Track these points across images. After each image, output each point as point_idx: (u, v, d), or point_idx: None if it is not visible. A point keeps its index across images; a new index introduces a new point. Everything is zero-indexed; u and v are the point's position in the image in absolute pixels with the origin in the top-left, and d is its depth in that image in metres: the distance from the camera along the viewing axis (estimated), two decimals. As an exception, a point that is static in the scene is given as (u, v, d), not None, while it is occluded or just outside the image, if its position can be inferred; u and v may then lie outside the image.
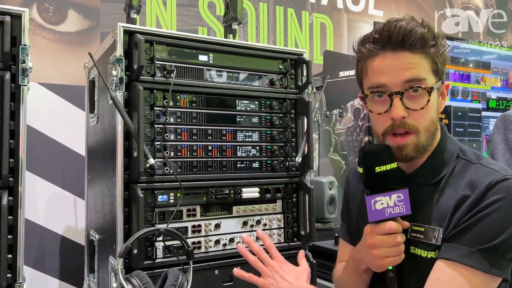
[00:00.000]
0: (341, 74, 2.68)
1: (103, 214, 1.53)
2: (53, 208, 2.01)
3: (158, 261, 1.37)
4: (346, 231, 1.20)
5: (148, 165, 1.33)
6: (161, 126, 1.40)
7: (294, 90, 1.67)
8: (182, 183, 1.38)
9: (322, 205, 2.24)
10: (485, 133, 2.88)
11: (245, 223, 1.54)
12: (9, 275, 1.22)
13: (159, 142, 1.39)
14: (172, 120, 1.43)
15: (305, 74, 1.66)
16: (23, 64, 1.26)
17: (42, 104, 2.00)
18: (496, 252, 0.86)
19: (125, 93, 1.37)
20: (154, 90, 1.39)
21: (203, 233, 1.46)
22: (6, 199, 1.21)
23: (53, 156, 2.02)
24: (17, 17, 1.26)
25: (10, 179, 1.23)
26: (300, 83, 1.67)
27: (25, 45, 1.26)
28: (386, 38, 0.91)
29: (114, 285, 1.31)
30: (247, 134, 1.57)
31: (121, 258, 1.16)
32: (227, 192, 1.51)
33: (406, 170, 1.01)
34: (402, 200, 0.89)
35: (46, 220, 2.00)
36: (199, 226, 1.46)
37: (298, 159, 1.60)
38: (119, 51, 1.36)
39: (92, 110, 1.72)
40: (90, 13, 2.15)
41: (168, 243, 1.37)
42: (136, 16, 1.57)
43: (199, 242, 1.45)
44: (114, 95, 1.32)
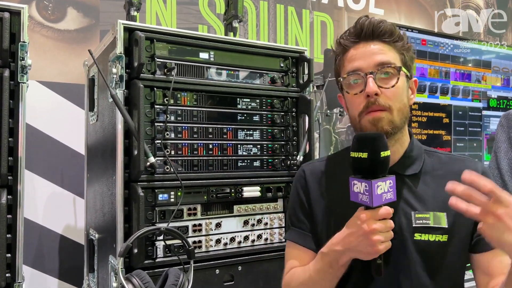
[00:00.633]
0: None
1: (103, 213, 1.52)
2: (52, 207, 2.00)
3: (158, 260, 1.36)
4: (305, 237, 1.14)
5: (148, 163, 1.32)
6: (161, 124, 1.39)
7: (296, 88, 1.66)
8: (183, 182, 1.37)
9: (323, 204, 2.23)
10: (485, 132, 2.87)
11: (246, 222, 1.53)
12: (8, 275, 1.21)
13: (160, 141, 1.37)
14: (172, 118, 1.42)
15: (306, 72, 1.65)
16: (22, 61, 1.24)
17: (41, 102, 1.99)
18: None
19: (125, 91, 1.35)
20: (155, 88, 1.38)
21: (204, 232, 1.45)
22: (5, 198, 1.19)
23: (52, 154, 2.01)
24: (16, 13, 1.24)
25: (9, 178, 1.22)
26: (301, 81, 1.66)
27: (24, 42, 1.24)
28: (359, 30, 1.05)
29: (114, 284, 1.30)
30: (248, 132, 1.56)
31: (121, 258, 1.15)
32: (228, 191, 1.50)
33: None
34: (392, 186, 0.93)
35: (45, 219, 1.99)
36: (200, 225, 1.44)
37: (300, 158, 1.59)
38: (119, 49, 1.35)
39: (91, 108, 1.71)
40: (89, 11, 2.14)
41: (168, 242, 1.36)
42: (136, 13, 1.56)
43: (200, 241, 1.44)
44: (114, 93, 1.30)
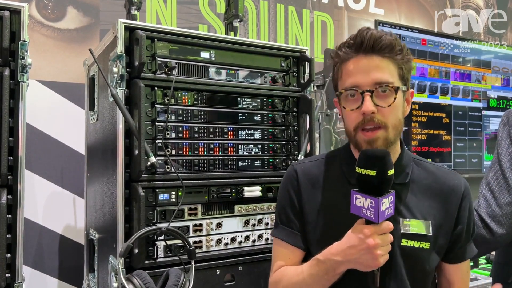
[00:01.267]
0: (342, 72, 2.66)
1: (103, 213, 1.51)
2: (52, 207, 1.99)
3: (159, 260, 1.35)
4: (294, 236, 1.14)
5: (149, 163, 1.32)
6: (162, 124, 1.38)
7: (296, 88, 1.65)
8: (184, 182, 1.36)
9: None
10: (485, 132, 2.87)
11: (246, 222, 1.52)
12: (8, 275, 1.20)
13: (160, 140, 1.37)
14: (173, 118, 1.41)
15: (307, 71, 1.65)
16: (23, 60, 1.24)
17: (41, 102, 1.98)
18: None
19: (126, 90, 1.35)
20: (155, 88, 1.38)
21: (205, 232, 1.45)
22: (5, 198, 1.19)
23: (52, 154, 2.00)
24: (16, 12, 1.24)
25: (9, 177, 1.21)
26: (302, 81, 1.65)
27: (24, 41, 1.24)
28: (359, 43, 1.04)
29: (115, 285, 1.29)
30: (249, 132, 1.56)
31: (122, 258, 1.15)
32: (229, 191, 1.49)
33: None
34: (392, 201, 0.96)
35: (45, 219, 1.98)
36: (201, 225, 1.44)
37: (301, 158, 1.58)
38: (120, 48, 1.34)
39: (92, 108, 1.70)
40: (89, 10, 2.13)
41: (169, 243, 1.36)
42: (136, 12, 1.56)
43: (201, 242, 1.44)
44: (115, 92, 1.30)
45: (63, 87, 2.04)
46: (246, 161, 1.54)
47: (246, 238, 1.52)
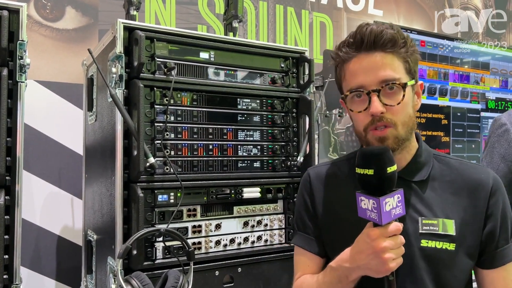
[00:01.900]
0: (340, 73, 2.65)
1: (102, 214, 1.50)
2: (49, 207, 1.98)
3: (158, 262, 1.34)
4: (310, 241, 1.13)
5: (148, 164, 1.31)
6: (161, 124, 1.38)
7: (296, 89, 1.65)
8: (183, 183, 1.36)
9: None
10: (483, 133, 2.87)
11: (246, 224, 1.52)
12: (5, 276, 1.19)
13: (160, 141, 1.36)
14: (172, 118, 1.41)
15: (307, 72, 1.65)
16: (21, 60, 1.23)
17: (39, 102, 1.97)
18: None
19: (125, 90, 1.34)
20: (155, 88, 1.37)
21: (204, 233, 1.44)
22: (2, 198, 1.18)
23: (49, 155, 1.99)
24: (14, 12, 1.23)
25: (7, 178, 1.20)
26: (302, 82, 1.65)
27: (23, 40, 1.23)
28: (360, 40, 0.98)
29: (113, 286, 1.28)
30: (248, 133, 1.55)
31: (120, 259, 1.14)
32: (228, 192, 1.49)
33: None
34: (400, 200, 0.90)
35: (42, 220, 1.97)
36: (200, 226, 1.43)
37: (300, 159, 1.58)
38: (119, 48, 1.33)
39: (90, 108, 1.70)
40: (88, 10, 2.12)
41: (168, 244, 1.35)
42: (135, 13, 1.55)
43: (200, 243, 1.43)
44: (114, 93, 1.29)
45: (61, 87, 2.03)
46: (245, 162, 1.54)
47: (245, 239, 1.51)
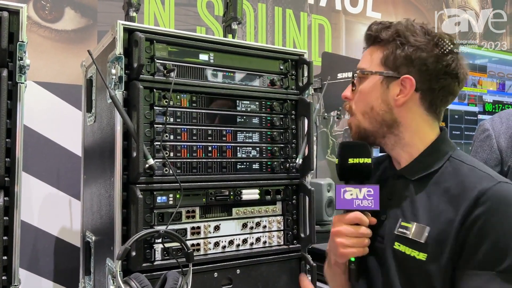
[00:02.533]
0: (339, 76, 2.66)
1: (100, 216, 1.50)
2: (48, 208, 1.98)
3: (156, 263, 1.34)
4: None
5: (147, 165, 1.31)
6: (160, 126, 1.38)
7: (295, 91, 1.65)
8: (182, 184, 1.36)
9: (321, 207, 2.23)
10: (481, 136, 2.88)
11: (244, 225, 1.52)
12: (4, 278, 1.19)
13: (159, 142, 1.36)
14: (171, 120, 1.41)
15: (306, 74, 1.65)
16: (21, 61, 1.23)
17: (37, 103, 1.97)
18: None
19: (124, 92, 1.34)
20: (154, 89, 1.37)
21: (202, 235, 1.44)
22: (1, 199, 1.18)
23: (48, 156, 1.99)
24: (14, 13, 1.23)
25: (6, 179, 1.20)
26: (301, 84, 1.65)
27: (23, 41, 1.23)
28: (364, 38, 1.10)
29: (112, 287, 1.28)
30: (247, 135, 1.55)
31: (119, 260, 1.14)
32: (227, 193, 1.49)
33: (397, 167, 1.09)
34: (372, 195, 0.94)
35: (40, 221, 1.96)
36: (199, 228, 1.43)
37: (299, 161, 1.58)
38: (119, 49, 1.33)
39: (89, 109, 1.69)
40: (87, 11, 2.12)
41: (167, 245, 1.35)
42: (135, 14, 1.55)
43: (198, 244, 1.43)
44: (113, 94, 1.29)
45: (60, 89, 2.03)
46: (244, 163, 1.54)
47: (244, 241, 1.51)
